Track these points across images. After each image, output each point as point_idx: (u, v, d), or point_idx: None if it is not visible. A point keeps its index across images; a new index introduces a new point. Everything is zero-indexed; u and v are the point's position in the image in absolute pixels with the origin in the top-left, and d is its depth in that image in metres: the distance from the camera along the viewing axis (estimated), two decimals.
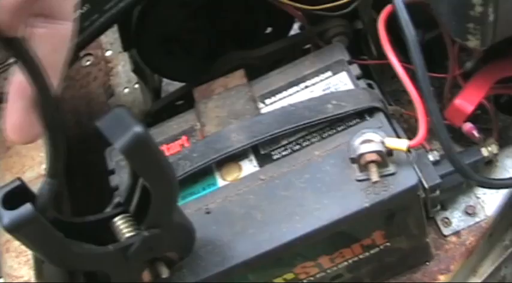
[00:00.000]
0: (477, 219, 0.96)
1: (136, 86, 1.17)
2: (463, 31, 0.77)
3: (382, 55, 0.78)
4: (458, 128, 0.94)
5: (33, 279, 0.70)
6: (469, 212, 0.96)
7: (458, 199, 0.97)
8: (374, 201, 0.71)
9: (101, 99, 1.20)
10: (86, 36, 0.74)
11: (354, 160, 0.72)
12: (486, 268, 1.03)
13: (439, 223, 0.96)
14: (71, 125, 1.16)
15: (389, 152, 0.72)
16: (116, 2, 0.77)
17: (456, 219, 0.96)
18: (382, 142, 0.70)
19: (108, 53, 1.25)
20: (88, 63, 1.25)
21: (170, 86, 1.21)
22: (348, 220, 0.72)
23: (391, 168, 0.72)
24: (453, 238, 0.95)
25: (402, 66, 0.73)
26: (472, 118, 1.02)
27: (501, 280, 1.18)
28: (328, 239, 0.76)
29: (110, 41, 1.26)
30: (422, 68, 0.68)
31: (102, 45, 1.26)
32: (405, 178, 0.72)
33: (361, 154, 0.70)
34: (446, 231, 0.95)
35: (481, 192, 0.97)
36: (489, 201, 0.96)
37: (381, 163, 0.71)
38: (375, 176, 0.69)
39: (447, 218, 0.96)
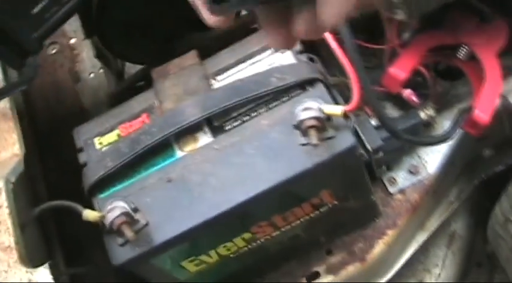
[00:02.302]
0: (420, 177, 1.04)
1: (101, 70, 1.24)
2: (391, 5, 0.85)
3: None
4: (399, 95, 1.02)
5: (13, 245, 0.77)
6: (413, 171, 1.05)
7: (403, 160, 1.05)
8: (316, 162, 0.79)
9: (68, 85, 1.26)
10: (48, 27, 0.80)
11: (296, 126, 0.79)
12: (433, 223, 1.12)
13: (386, 182, 1.05)
14: (40, 110, 1.23)
15: (328, 118, 0.80)
16: None
17: (401, 178, 1.05)
18: (320, 109, 0.78)
19: (73, 41, 1.31)
20: (54, 51, 1.31)
21: (133, 69, 1.27)
22: (294, 181, 0.80)
23: (330, 132, 0.80)
24: (399, 196, 1.04)
25: (335, 38, 0.80)
26: (414, 85, 1.10)
27: (452, 234, 1.28)
28: (279, 199, 0.84)
29: (74, 29, 1.31)
30: (349, 38, 0.75)
31: (67, 34, 1.32)
32: (343, 141, 0.80)
33: (302, 121, 0.78)
34: (392, 190, 1.04)
35: (423, 152, 1.06)
36: (431, 161, 1.05)
37: (321, 128, 0.79)
38: (314, 139, 0.77)
39: (393, 178, 1.05)
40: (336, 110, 0.78)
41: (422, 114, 0.99)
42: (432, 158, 1.05)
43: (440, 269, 1.23)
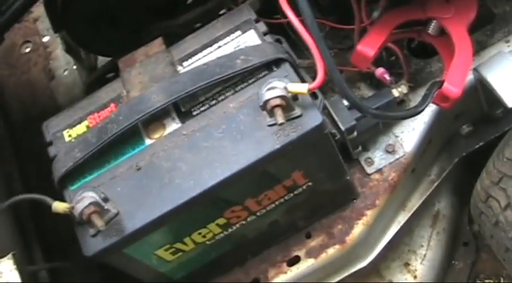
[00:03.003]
0: (397, 156, 1.03)
1: (75, 66, 1.23)
2: None
3: None
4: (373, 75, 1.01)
5: None
6: (389, 150, 1.04)
7: (379, 140, 1.05)
8: (284, 142, 0.78)
9: (43, 83, 1.26)
10: (6, 19, 0.79)
11: (263, 107, 0.78)
12: (415, 203, 1.11)
13: (363, 163, 1.04)
14: (16, 109, 1.22)
15: (295, 97, 0.79)
16: None
17: (378, 158, 1.04)
18: (285, 88, 0.77)
19: (46, 39, 1.31)
20: (27, 50, 1.31)
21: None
22: (263, 162, 0.79)
23: (297, 111, 0.79)
24: (376, 176, 1.03)
25: (300, 20, 0.79)
26: (388, 64, 1.09)
27: (436, 214, 1.27)
28: (250, 182, 0.83)
29: (47, 27, 1.32)
30: (310, 16, 0.74)
31: (40, 32, 1.32)
32: (311, 119, 0.79)
33: (267, 101, 0.77)
34: (369, 170, 1.03)
35: (399, 131, 1.05)
36: (407, 139, 1.04)
37: (287, 107, 0.78)
38: (280, 118, 0.76)
39: (369, 158, 1.04)
40: (301, 88, 0.77)
41: (395, 92, 0.98)
42: (408, 136, 1.04)
43: (425, 250, 1.23)
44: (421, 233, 1.23)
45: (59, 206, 0.80)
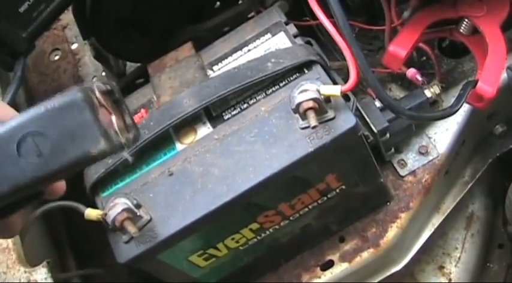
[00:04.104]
0: (430, 157, 1.02)
1: (104, 73, 1.23)
2: None
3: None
4: (404, 76, 1.00)
5: (11, 245, 0.77)
6: (422, 152, 1.02)
7: (412, 141, 1.03)
8: (317, 145, 0.77)
9: None
10: (37, 25, 0.79)
11: (295, 110, 0.78)
12: (449, 205, 1.09)
13: (396, 165, 1.02)
14: None
15: (327, 99, 0.78)
16: None
17: (411, 160, 1.02)
18: (318, 90, 0.76)
19: (74, 46, 1.31)
20: (57, 57, 1.31)
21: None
22: (296, 166, 0.78)
23: (330, 114, 0.78)
24: (410, 178, 1.02)
25: (331, 21, 0.79)
26: (419, 64, 1.08)
27: (470, 216, 1.25)
28: (283, 186, 0.82)
29: (75, 34, 1.32)
30: (341, 16, 0.74)
31: (68, 39, 1.32)
32: (344, 121, 0.78)
33: (299, 103, 0.76)
34: (402, 172, 1.02)
35: (432, 132, 1.03)
36: (440, 140, 1.03)
37: (319, 110, 0.77)
38: (313, 122, 0.75)
39: (403, 160, 1.03)
40: (334, 90, 0.76)
41: (428, 92, 0.97)
42: (442, 137, 1.02)
43: (460, 252, 1.21)
44: (455, 235, 1.22)
45: (91, 213, 0.79)
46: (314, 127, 0.76)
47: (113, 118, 0.51)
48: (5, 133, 0.49)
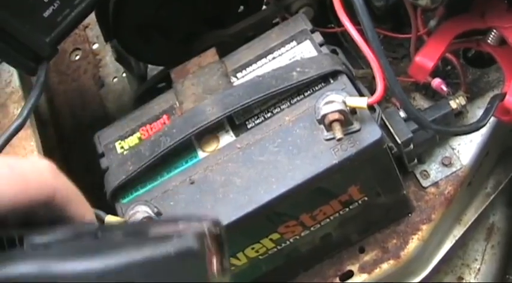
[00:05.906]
0: (454, 169, 1.00)
1: (124, 74, 1.23)
2: None
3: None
4: (429, 86, 0.98)
5: None
6: (446, 163, 1.01)
7: (435, 152, 1.02)
8: (342, 157, 0.76)
9: (93, 90, 1.25)
10: (61, 30, 0.78)
11: (320, 121, 0.77)
12: (470, 216, 1.08)
13: (418, 176, 1.01)
14: (66, 116, 1.22)
15: (353, 111, 0.77)
16: None
17: (434, 171, 1.01)
18: (344, 102, 0.75)
19: (95, 46, 1.31)
20: (77, 57, 1.31)
21: (156, 71, 1.26)
22: (320, 178, 0.77)
23: (355, 126, 0.77)
24: (432, 189, 1.00)
25: (358, 29, 0.77)
26: (443, 74, 1.07)
27: (490, 227, 1.23)
28: (306, 197, 0.81)
29: (96, 35, 1.31)
30: (370, 28, 0.72)
31: (89, 39, 1.31)
32: (370, 134, 0.77)
33: (325, 115, 0.75)
34: (425, 183, 1.00)
35: (455, 143, 1.02)
36: (464, 151, 1.01)
37: (345, 122, 0.76)
38: (339, 134, 0.74)
39: (425, 171, 1.01)
40: (360, 102, 0.74)
41: (453, 104, 0.95)
42: (465, 149, 1.01)
43: (480, 263, 1.19)
44: (475, 247, 1.20)
45: (112, 220, 0.78)
46: (339, 139, 0.74)
47: (214, 260, 0.46)
48: None
